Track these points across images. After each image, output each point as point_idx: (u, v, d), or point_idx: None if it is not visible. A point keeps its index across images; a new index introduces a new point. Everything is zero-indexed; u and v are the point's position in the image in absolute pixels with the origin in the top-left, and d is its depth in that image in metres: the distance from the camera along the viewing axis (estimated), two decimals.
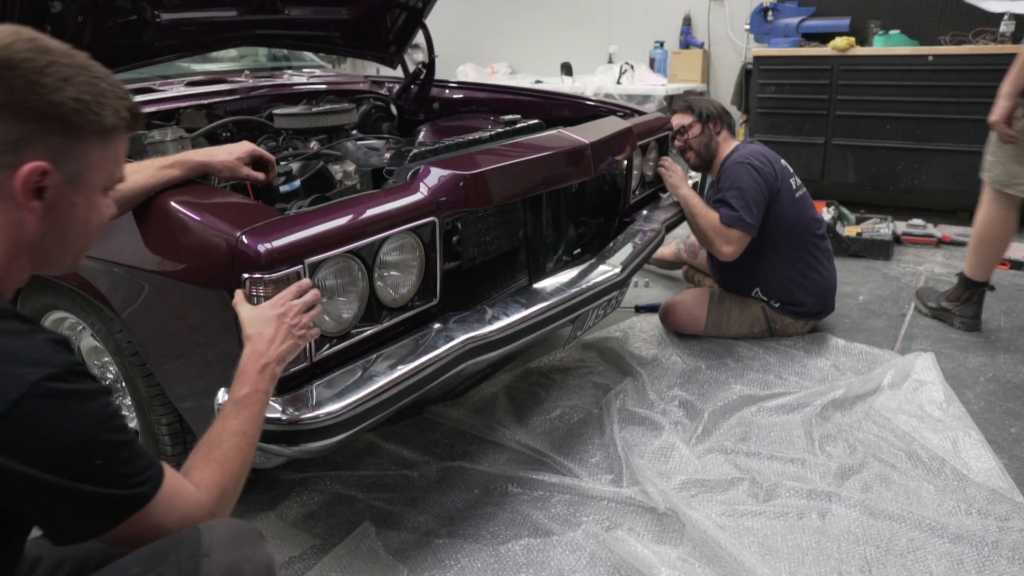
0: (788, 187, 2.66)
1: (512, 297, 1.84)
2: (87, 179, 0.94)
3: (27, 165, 0.87)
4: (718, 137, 2.76)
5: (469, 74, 5.84)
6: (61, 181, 0.91)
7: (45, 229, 0.92)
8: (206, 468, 1.02)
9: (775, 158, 2.70)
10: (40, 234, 0.92)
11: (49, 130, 0.88)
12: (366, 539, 1.73)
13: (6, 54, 0.85)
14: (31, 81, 0.86)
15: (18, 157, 0.87)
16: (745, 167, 2.60)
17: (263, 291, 1.27)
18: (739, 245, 2.60)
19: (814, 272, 2.71)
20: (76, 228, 0.96)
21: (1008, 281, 3.40)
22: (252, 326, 1.21)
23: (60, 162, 0.90)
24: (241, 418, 1.10)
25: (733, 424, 2.21)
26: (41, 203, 0.90)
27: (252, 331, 1.21)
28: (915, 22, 4.46)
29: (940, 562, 1.64)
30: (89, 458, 0.85)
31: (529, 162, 1.84)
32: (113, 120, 0.92)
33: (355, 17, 2.64)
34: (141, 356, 1.57)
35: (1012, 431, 2.16)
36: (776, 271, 2.68)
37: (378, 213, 1.49)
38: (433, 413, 2.28)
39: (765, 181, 2.59)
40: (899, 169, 4.33)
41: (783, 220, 2.64)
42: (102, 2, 1.91)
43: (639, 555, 1.64)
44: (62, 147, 0.90)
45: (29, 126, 0.87)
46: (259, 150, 1.66)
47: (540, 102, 2.77)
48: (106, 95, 0.92)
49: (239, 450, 1.07)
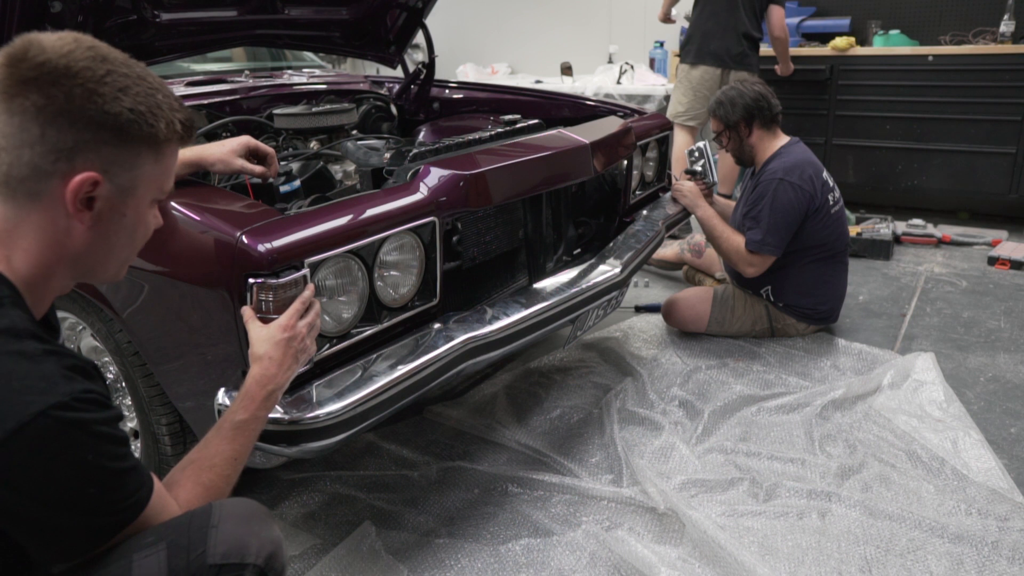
0: (825, 204, 2.60)
1: (512, 297, 1.84)
2: (137, 190, 0.94)
3: (79, 175, 0.87)
4: (750, 139, 2.68)
5: (469, 74, 5.84)
6: (111, 192, 0.91)
7: (91, 239, 0.92)
8: (193, 489, 1.03)
9: (818, 172, 2.62)
10: (86, 244, 0.92)
11: (103, 139, 0.88)
12: (366, 539, 1.73)
13: (65, 62, 0.85)
14: (89, 90, 0.86)
15: (70, 166, 0.87)
16: (786, 185, 2.53)
17: (270, 297, 1.26)
18: (762, 267, 2.61)
19: (827, 284, 2.71)
20: (123, 239, 0.96)
21: (1008, 281, 3.40)
22: (262, 346, 1.20)
23: (112, 172, 0.90)
24: (237, 444, 1.10)
25: (733, 424, 2.21)
26: (90, 213, 0.90)
27: (262, 352, 1.19)
28: (915, 22, 4.46)
29: (940, 562, 1.64)
30: (82, 489, 0.84)
31: (529, 162, 1.84)
32: (167, 132, 0.92)
33: (355, 17, 2.64)
34: (141, 356, 1.57)
35: (1012, 431, 2.16)
36: (791, 278, 2.68)
37: (378, 213, 1.50)
38: (433, 413, 2.28)
39: (802, 204, 2.53)
40: (899, 169, 4.33)
41: (813, 236, 2.62)
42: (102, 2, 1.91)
43: (639, 555, 1.64)
44: (115, 157, 0.90)
45: (84, 135, 0.87)
46: (255, 142, 1.64)
47: (540, 102, 2.77)
48: (161, 107, 0.92)
49: (227, 478, 1.07)
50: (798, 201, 2.54)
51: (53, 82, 0.85)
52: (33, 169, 0.87)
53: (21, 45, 0.86)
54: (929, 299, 3.19)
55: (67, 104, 0.85)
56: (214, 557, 0.90)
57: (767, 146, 2.69)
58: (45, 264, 0.91)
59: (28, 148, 0.86)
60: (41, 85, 0.85)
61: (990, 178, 4.09)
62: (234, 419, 1.12)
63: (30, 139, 0.86)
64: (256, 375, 1.17)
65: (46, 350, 0.84)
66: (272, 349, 1.19)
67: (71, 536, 0.86)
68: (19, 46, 0.86)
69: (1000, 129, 3.99)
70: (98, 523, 0.87)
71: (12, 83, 0.85)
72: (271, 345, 1.19)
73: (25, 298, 0.90)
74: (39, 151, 0.86)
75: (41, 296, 0.94)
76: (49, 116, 0.85)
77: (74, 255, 0.92)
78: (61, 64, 0.85)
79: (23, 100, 0.85)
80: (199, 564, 0.89)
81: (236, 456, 1.09)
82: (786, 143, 2.69)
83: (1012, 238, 3.93)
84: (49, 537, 0.84)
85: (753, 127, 2.67)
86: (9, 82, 0.85)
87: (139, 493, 0.90)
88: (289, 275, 1.28)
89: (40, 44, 0.86)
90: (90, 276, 0.98)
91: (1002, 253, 3.60)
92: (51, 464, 0.80)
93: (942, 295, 3.23)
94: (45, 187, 0.88)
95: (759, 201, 2.57)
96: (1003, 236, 3.96)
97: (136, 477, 0.90)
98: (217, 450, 1.08)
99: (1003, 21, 4.03)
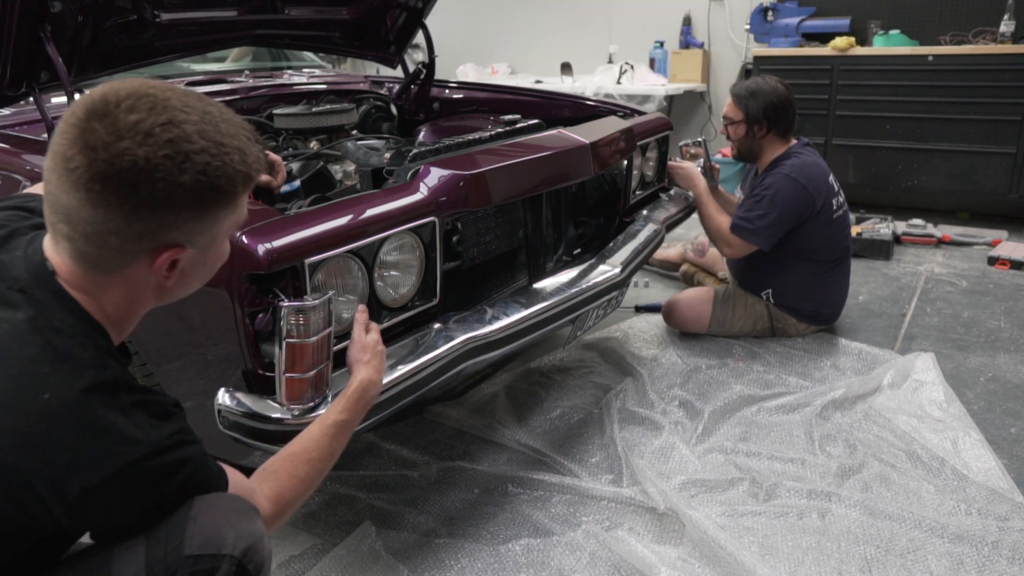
0: (828, 208, 2.60)
1: (512, 297, 1.84)
2: (217, 241, 0.97)
3: (165, 254, 0.91)
4: (762, 141, 2.66)
5: (469, 74, 5.84)
6: (194, 252, 0.94)
7: (175, 286, 0.97)
8: (288, 481, 1.11)
9: (824, 176, 2.62)
10: (170, 291, 0.98)
11: (185, 217, 0.90)
12: (366, 539, 1.73)
13: (144, 154, 0.84)
14: (170, 182, 0.86)
15: (155, 243, 0.90)
16: (791, 182, 2.53)
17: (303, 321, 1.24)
18: (739, 251, 2.63)
19: (828, 288, 2.72)
20: (203, 276, 1.02)
21: (1008, 281, 3.40)
22: (367, 353, 1.29)
23: (194, 240, 0.93)
24: (336, 442, 1.19)
25: (733, 424, 2.21)
26: (175, 271, 0.94)
27: (366, 358, 1.28)
28: (915, 22, 4.46)
29: (940, 562, 1.64)
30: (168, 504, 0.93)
31: (529, 162, 1.84)
32: (242, 188, 0.94)
33: (355, 17, 2.63)
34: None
35: (1012, 431, 2.16)
36: (792, 280, 2.68)
37: (378, 213, 1.49)
38: (433, 413, 2.28)
39: (802, 205, 2.53)
40: (899, 169, 4.33)
41: (814, 239, 2.62)
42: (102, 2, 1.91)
43: (639, 555, 1.64)
44: (196, 227, 0.92)
45: (167, 218, 0.89)
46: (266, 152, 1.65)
47: (540, 102, 2.77)
48: (237, 165, 0.91)
49: (320, 473, 1.16)
50: (798, 202, 2.54)
51: (134, 180, 0.85)
52: (120, 251, 0.90)
53: (93, 127, 0.84)
54: (929, 299, 3.19)
55: (150, 199, 0.86)
56: (191, 548, 0.91)
57: (776, 148, 2.68)
58: (133, 309, 0.98)
59: (113, 235, 0.88)
60: (122, 183, 0.84)
61: (990, 178, 4.09)
62: (338, 418, 1.20)
63: (114, 227, 0.87)
64: (367, 379, 1.26)
65: (135, 402, 0.90)
66: (375, 357, 1.29)
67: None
68: (98, 126, 0.84)
69: (1000, 129, 3.99)
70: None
71: (91, 176, 0.84)
72: (373, 353, 1.30)
73: (112, 335, 0.96)
74: (124, 237, 0.88)
75: (127, 329, 1.00)
76: (131, 208, 0.86)
77: (161, 297, 0.99)
78: (140, 158, 0.84)
79: (103, 193, 0.85)
80: (176, 555, 0.90)
81: (333, 453, 1.18)
82: (796, 144, 2.68)
83: (1012, 238, 3.93)
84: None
85: (768, 132, 2.64)
86: (89, 175, 0.84)
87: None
88: (318, 297, 1.27)
89: (115, 126, 0.84)
90: (167, 303, 1.03)
91: (1002, 253, 3.60)
92: (141, 498, 0.91)
93: (942, 295, 3.23)
94: (131, 261, 0.91)
95: (764, 192, 2.58)
96: (1003, 236, 3.96)
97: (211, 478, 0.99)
98: (318, 445, 1.16)
99: (1003, 21, 4.03)
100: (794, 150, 2.65)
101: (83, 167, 0.84)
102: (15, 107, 2.09)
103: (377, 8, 2.65)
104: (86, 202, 0.85)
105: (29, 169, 1.67)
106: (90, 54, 2.00)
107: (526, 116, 2.39)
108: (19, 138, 1.87)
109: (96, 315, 0.93)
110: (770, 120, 2.62)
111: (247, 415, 1.32)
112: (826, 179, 2.62)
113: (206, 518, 0.93)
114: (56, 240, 0.91)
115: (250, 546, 0.95)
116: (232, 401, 1.34)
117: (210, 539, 0.92)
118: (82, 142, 0.84)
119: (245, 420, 1.32)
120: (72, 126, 0.85)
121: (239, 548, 0.93)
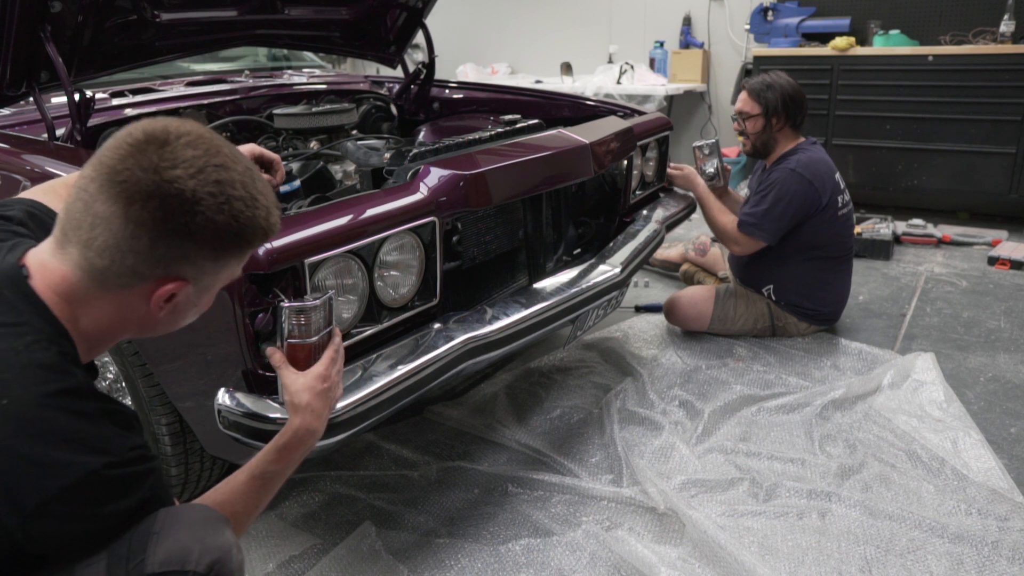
0: (834, 205, 2.61)
1: (512, 297, 1.83)
2: (215, 286, 0.98)
3: (169, 285, 0.91)
4: (778, 134, 2.66)
5: (469, 74, 5.84)
6: (193, 291, 0.95)
7: (162, 320, 0.97)
8: None
9: (830, 172, 2.62)
10: (157, 323, 0.97)
11: (204, 255, 0.91)
12: (366, 539, 1.73)
13: (193, 185, 0.87)
14: (208, 218, 0.88)
15: (166, 272, 0.90)
16: (797, 176, 2.54)
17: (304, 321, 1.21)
18: (747, 248, 2.64)
19: (829, 286, 2.72)
20: (190, 316, 1.01)
21: (1008, 281, 3.40)
22: (302, 396, 1.16)
23: (199, 278, 0.94)
24: (262, 494, 1.12)
25: (733, 424, 2.21)
26: (169, 305, 0.94)
27: (301, 402, 1.16)
28: (915, 22, 4.46)
29: (940, 562, 1.64)
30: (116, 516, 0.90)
31: (529, 162, 1.84)
32: (258, 243, 0.96)
33: (355, 17, 2.64)
34: (141, 356, 1.57)
35: (1012, 431, 2.16)
36: (794, 278, 2.68)
37: (378, 213, 1.49)
38: (433, 413, 2.28)
39: (807, 200, 2.54)
40: (899, 169, 4.33)
41: (817, 236, 2.62)
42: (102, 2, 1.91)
43: (639, 555, 1.64)
44: (207, 267, 0.93)
45: (189, 251, 0.90)
46: (260, 149, 1.63)
47: (540, 102, 2.77)
48: (261, 220, 0.93)
49: (241, 527, 1.08)
50: (804, 196, 2.54)
51: (176, 207, 0.86)
52: (132, 271, 0.89)
53: (150, 151, 0.86)
54: (929, 299, 3.19)
55: (183, 228, 0.87)
56: (152, 565, 0.87)
57: (787, 143, 2.68)
58: (111, 332, 0.96)
59: (132, 254, 0.88)
60: (164, 206, 0.86)
61: (990, 178, 4.09)
62: (267, 469, 1.12)
63: (138, 247, 0.87)
64: (298, 428, 1.15)
65: (101, 409, 0.89)
66: (313, 400, 1.16)
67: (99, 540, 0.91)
68: (154, 151, 0.86)
69: (1000, 129, 3.99)
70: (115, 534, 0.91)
71: (137, 191, 0.86)
72: (312, 396, 1.17)
73: (80, 350, 0.94)
74: (143, 258, 0.88)
75: (98, 350, 0.98)
76: (162, 232, 0.87)
77: (142, 329, 0.97)
78: (188, 189, 0.86)
79: (142, 210, 0.86)
80: (138, 573, 0.87)
81: (259, 505, 1.11)
82: (804, 141, 2.69)
83: (1012, 238, 3.93)
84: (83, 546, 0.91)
85: (785, 124, 2.65)
86: (135, 189, 0.86)
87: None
88: (319, 296, 1.26)
89: (173, 154, 0.87)
90: (148, 336, 1.02)
91: (1002, 253, 3.60)
92: (101, 511, 0.88)
93: (942, 295, 3.23)
94: (135, 283, 0.91)
95: (769, 188, 2.58)
96: (1003, 236, 3.96)
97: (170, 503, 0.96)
98: (242, 498, 1.09)
99: (1003, 21, 4.03)
100: (802, 146, 2.66)
101: (131, 181, 0.85)
102: (15, 107, 2.09)
103: (377, 8, 2.65)
104: (121, 215, 0.86)
105: (29, 169, 1.67)
106: (90, 54, 2.00)
107: (526, 116, 2.39)
108: (19, 138, 1.87)
109: (67, 324, 0.91)
110: (788, 111, 2.63)
111: (247, 415, 1.32)
112: (832, 176, 2.63)
113: (170, 533, 0.90)
114: (65, 246, 0.90)
115: (216, 560, 0.91)
116: (232, 401, 1.34)
117: (173, 555, 0.88)
118: (135, 160, 0.86)
119: (245, 420, 1.32)
120: (128, 145, 0.87)
121: (203, 563, 0.89)
